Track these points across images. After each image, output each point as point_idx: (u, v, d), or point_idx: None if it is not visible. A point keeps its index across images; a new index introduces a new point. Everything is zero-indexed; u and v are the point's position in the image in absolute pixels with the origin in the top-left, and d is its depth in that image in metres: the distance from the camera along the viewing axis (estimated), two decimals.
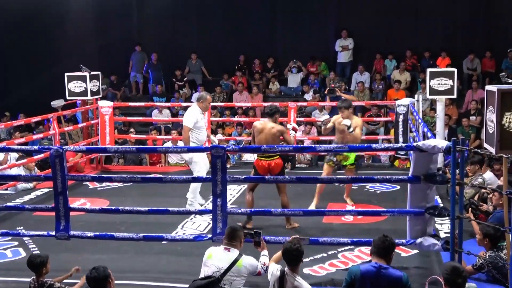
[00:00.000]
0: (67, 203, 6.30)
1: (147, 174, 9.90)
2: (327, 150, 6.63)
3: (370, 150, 7.44)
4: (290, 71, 15.67)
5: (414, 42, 15.12)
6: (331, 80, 15.13)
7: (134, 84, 16.43)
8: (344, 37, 15.37)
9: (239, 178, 6.54)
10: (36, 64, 15.88)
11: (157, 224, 7.52)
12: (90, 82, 10.95)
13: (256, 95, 14.77)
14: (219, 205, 6.03)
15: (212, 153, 5.94)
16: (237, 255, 4.92)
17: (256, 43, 16.13)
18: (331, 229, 7.37)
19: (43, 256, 5.20)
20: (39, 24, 15.89)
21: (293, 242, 4.68)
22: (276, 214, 6.35)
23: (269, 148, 6.25)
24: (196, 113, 8.23)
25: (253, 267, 4.96)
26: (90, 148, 9.59)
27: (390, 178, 6.33)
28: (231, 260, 4.88)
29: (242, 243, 5.07)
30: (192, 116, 8.21)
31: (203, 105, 8.32)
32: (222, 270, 4.83)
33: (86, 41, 16.37)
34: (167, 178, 6.35)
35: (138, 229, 7.35)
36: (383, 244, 4.47)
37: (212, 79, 16.25)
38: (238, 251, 4.96)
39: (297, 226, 7.30)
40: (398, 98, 13.13)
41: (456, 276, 4.21)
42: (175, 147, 10.34)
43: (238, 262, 4.88)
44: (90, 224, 7.51)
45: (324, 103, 13.01)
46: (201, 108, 8.30)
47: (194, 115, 8.20)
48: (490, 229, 5.62)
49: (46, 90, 14.14)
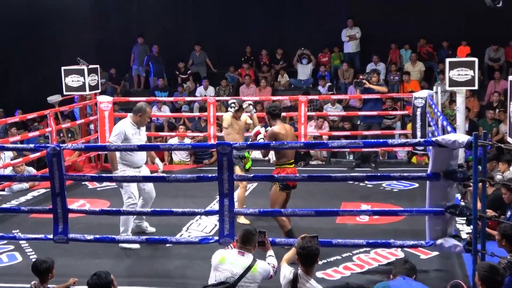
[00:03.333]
0: (66, 204, 6.31)
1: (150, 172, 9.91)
2: (340, 146, 6.61)
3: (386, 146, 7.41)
4: (299, 61, 15.64)
5: (432, 31, 15.04)
6: (343, 71, 15.11)
7: (136, 77, 16.45)
8: (350, 26, 15.33)
9: (247, 177, 6.54)
10: (31, 57, 15.94)
11: (160, 226, 7.52)
12: (88, 76, 10.97)
13: (264, 88, 14.76)
14: (226, 206, 6.02)
15: (218, 150, 5.93)
16: (251, 260, 4.90)
17: (263, 33, 16.12)
18: (345, 230, 7.37)
19: (49, 262, 5.21)
20: (34, 15, 15.94)
21: (308, 241, 4.67)
22: (287, 214, 6.33)
23: (278, 145, 6.23)
24: (125, 127, 7.03)
25: (267, 271, 4.95)
26: (89, 146, 9.60)
27: (407, 176, 6.29)
28: (246, 265, 4.85)
29: (256, 247, 5.06)
30: (118, 130, 7.00)
31: (140, 119, 7.10)
32: (236, 276, 4.80)
33: (84, 32, 16.40)
34: (170, 177, 6.35)
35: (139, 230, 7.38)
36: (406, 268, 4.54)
37: (217, 71, 16.25)
38: (252, 255, 4.95)
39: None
40: (413, 90, 13.09)
41: (495, 274, 4.19)
42: (179, 144, 10.35)
43: (253, 268, 4.86)
44: (90, 226, 7.52)
45: (337, 96, 12.97)
46: (136, 122, 7.09)
47: (122, 129, 7.00)
48: (508, 229, 5.54)
49: (42, 85, 14.19)
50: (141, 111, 7.10)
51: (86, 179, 8.13)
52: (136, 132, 7.11)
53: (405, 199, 8.56)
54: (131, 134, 7.03)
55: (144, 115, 7.12)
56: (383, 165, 11.09)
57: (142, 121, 7.15)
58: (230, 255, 4.93)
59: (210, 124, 11.08)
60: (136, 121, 7.11)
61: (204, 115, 11.87)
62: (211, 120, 11.07)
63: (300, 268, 4.71)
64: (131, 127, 7.08)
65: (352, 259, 6.50)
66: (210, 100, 11.28)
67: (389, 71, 14.96)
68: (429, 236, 5.90)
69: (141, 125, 7.17)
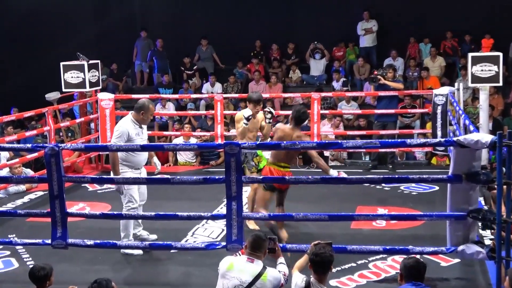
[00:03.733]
0: (64, 207, 6.33)
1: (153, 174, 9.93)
2: (355, 146, 6.60)
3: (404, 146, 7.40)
4: (312, 56, 15.63)
5: (453, 24, 14.99)
6: (359, 67, 15.09)
7: (138, 74, 16.50)
8: (367, 19, 15.31)
9: (256, 179, 6.53)
10: (27, 52, 15.99)
11: (164, 231, 7.54)
12: (88, 72, 11.00)
13: (274, 85, 14.76)
14: (234, 209, 6.02)
15: (225, 150, 5.93)
16: (261, 267, 4.89)
17: (274, 26, 16.12)
18: (360, 235, 7.35)
19: (47, 268, 5.22)
20: (31, 7, 16.00)
21: (321, 247, 4.66)
22: (298, 219, 6.33)
23: (290, 145, 6.22)
24: (128, 127, 6.94)
25: (277, 280, 4.94)
26: (89, 146, 9.63)
27: (427, 178, 6.28)
28: (255, 273, 4.84)
29: (266, 253, 5.06)
30: (120, 130, 6.91)
31: (143, 118, 7.00)
32: (245, 284, 4.79)
33: (84, 26, 16.45)
34: (175, 179, 6.35)
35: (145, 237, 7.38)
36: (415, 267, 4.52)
37: (225, 67, 16.27)
38: (262, 263, 4.94)
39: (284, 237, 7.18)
40: (432, 86, 13.05)
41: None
42: (185, 144, 10.35)
43: (263, 276, 4.84)
44: (90, 231, 7.53)
45: (352, 94, 12.96)
46: (139, 120, 7.00)
47: (125, 129, 6.91)
48: None
49: (39, 82, 14.24)
50: (144, 108, 6.98)
51: (86, 181, 8.14)
52: (138, 132, 7.01)
53: (425, 203, 8.52)
54: (134, 134, 6.93)
55: (147, 113, 7.00)
56: (401, 167, 11.05)
57: (145, 120, 7.03)
58: (238, 262, 4.93)
59: (217, 123, 11.08)
60: (138, 120, 7.00)
61: (211, 114, 11.88)
62: (218, 119, 11.07)
63: (313, 276, 4.71)
64: (134, 126, 6.97)
65: (368, 267, 6.48)
66: (217, 98, 11.28)
67: (407, 66, 14.93)
68: (450, 242, 5.88)
69: (143, 123, 7.08)
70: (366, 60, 15.22)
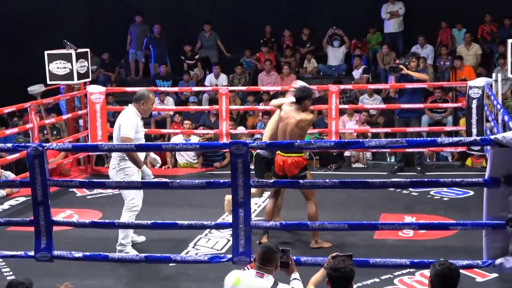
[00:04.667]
0: (49, 215, 6.34)
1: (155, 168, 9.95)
2: (379, 146, 6.59)
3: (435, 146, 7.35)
4: (329, 43, 15.62)
5: (490, 7, 14.93)
6: (383, 55, 15.06)
7: (133, 63, 16.53)
8: (392, 1, 15.28)
9: (267, 183, 6.53)
10: (9, 40, 16.03)
11: (162, 242, 7.55)
12: (76, 62, 11.02)
13: (287, 76, 14.75)
14: (241, 217, 6.03)
15: (231, 150, 5.94)
16: (272, 283, 4.88)
17: (286, 9, 16.11)
18: (385, 247, 7.35)
19: (26, 283, 5.21)
20: None
21: (341, 261, 4.66)
22: (314, 228, 6.32)
23: (304, 144, 6.22)
24: (135, 118, 7.26)
25: None
26: (77, 146, 9.65)
27: (460, 181, 6.26)
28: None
29: (277, 267, 5.05)
30: (131, 122, 7.20)
31: (144, 108, 7.32)
32: None
33: (72, 10, 16.48)
34: (174, 183, 6.36)
35: (139, 247, 7.39)
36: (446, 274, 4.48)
37: (230, 56, 16.27)
38: (273, 278, 4.94)
39: (327, 247, 7.25)
40: (466, 77, 13.01)
41: None
42: (185, 143, 10.36)
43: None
44: (79, 241, 7.56)
45: (375, 86, 12.93)
46: (141, 112, 7.31)
47: (134, 121, 7.22)
48: None
49: (21, 73, 14.28)
50: (144, 98, 7.27)
51: (74, 185, 8.17)
52: (141, 124, 7.35)
53: (458, 210, 8.51)
54: (139, 127, 7.27)
55: (148, 103, 7.30)
56: (431, 169, 11.03)
57: (147, 110, 7.35)
58: (246, 277, 4.93)
59: (222, 120, 11.08)
60: (140, 111, 7.30)
61: (215, 109, 11.88)
62: (223, 115, 11.07)
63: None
64: (138, 118, 7.28)
65: (393, 282, 6.48)
66: (222, 91, 11.28)
67: (438, 55, 14.89)
68: (486, 255, 5.87)
69: (145, 115, 7.40)
70: (391, 47, 15.19)
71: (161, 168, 11.80)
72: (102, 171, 11.49)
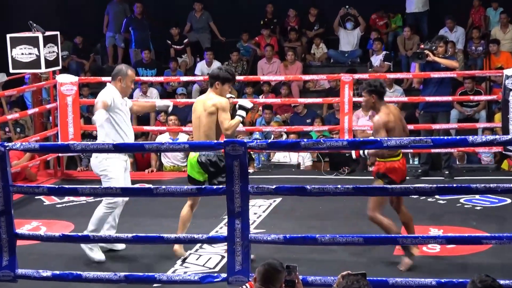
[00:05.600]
0: (13, 227, 6.34)
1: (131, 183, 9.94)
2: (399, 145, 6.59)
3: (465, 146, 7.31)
4: (342, 26, 15.62)
5: None
6: (405, 39, 15.04)
7: (111, 49, 16.53)
8: None
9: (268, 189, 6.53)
10: None
11: (145, 258, 7.54)
12: (44, 47, 11.02)
13: (292, 64, 14.77)
14: (237, 230, 6.03)
15: (226, 151, 5.93)
16: None
17: None
18: None
19: None
20: None
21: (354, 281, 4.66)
22: (324, 242, 6.32)
23: (311, 144, 6.21)
24: (113, 93, 7.65)
25: None
26: (45, 146, 9.65)
27: (495, 188, 6.27)
28: None
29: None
30: (105, 94, 7.60)
31: (122, 86, 7.71)
32: None
33: None
34: (160, 189, 6.36)
35: (118, 265, 7.38)
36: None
37: (225, 40, 16.27)
38: None
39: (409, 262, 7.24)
40: (502, 65, 13.00)
41: None
42: (173, 143, 10.36)
43: None
44: (47, 258, 7.55)
45: (395, 75, 12.92)
46: (120, 90, 7.70)
47: (110, 95, 7.60)
48: None
49: None
50: (121, 73, 7.66)
51: (41, 192, 8.16)
52: (122, 103, 7.68)
53: (492, 221, 8.53)
54: (119, 104, 7.61)
55: (126, 79, 7.66)
56: (461, 173, 11.04)
57: (125, 88, 7.71)
58: None
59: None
60: (119, 90, 7.66)
61: None
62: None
63: None
64: (118, 95, 7.62)
65: None
66: None
67: (469, 39, 14.88)
68: None
69: (125, 94, 7.76)
70: (415, 30, 15.19)
71: (144, 172, 11.82)
72: (74, 176, 11.50)
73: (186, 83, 14.58)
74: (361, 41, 15.61)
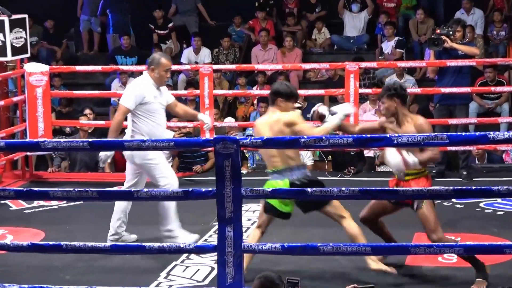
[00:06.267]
0: None
1: (109, 186, 9.94)
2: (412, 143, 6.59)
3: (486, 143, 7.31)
4: (347, 8, 15.62)
5: None
6: (418, 23, 15.05)
7: (85, 34, 16.51)
8: None
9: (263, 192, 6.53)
10: None
11: (126, 270, 7.55)
12: (10, 32, 11.02)
13: (290, 51, 14.78)
14: (229, 238, 6.03)
15: (217, 149, 5.94)
16: None
17: None
18: (419, 276, 7.38)
19: None
20: None
21: None
22: (327, 251, 6.33)
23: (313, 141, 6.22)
24: (145, 85, 8.12)
25: None
26: (12, 144, 9.65)
27: None
28: None
29: None
30: (134, 90, 8.10)
31: (154, 76, 8.17)
32: None
33: None
34: (141, 192, 6.36)
35: (94, 278, 7.39)
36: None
37: (215, 24, 16.27)
38: None
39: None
40: None
41: None
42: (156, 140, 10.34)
43: None
44: (14, 270, 7.55)
45: (407, 63, 12.93)
46: (154, 80, 8.18)
47: (139, 90, 8.07)
48: None
49: None
50: (153, 63, 8.10)
51: (8, 195, 8.14)
52: (156, 95, 8.12)
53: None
54: (152, 97, 8.05)
55: (159, 68, 8.06)
56: (481, 174, 11.06)
57: (158, 78, 8.10)
58: None
59: (204, 108, 11.08)
60: (153, 79, 8.11)
61: (195, 94, 11.89)
62: (205, 102, 11.07)
63: None
64: (151, 87, 8.08)
65: None
66: (204, 70, 11.29)
67: (490, 22, 14.90)
68: None
69: (160, 83, 8.18)
70: (429, 12, 15.20)
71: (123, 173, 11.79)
72: (45, 177, 11.49)
73: (171, 73, 14.57)
74: (368, 25, 15.62)
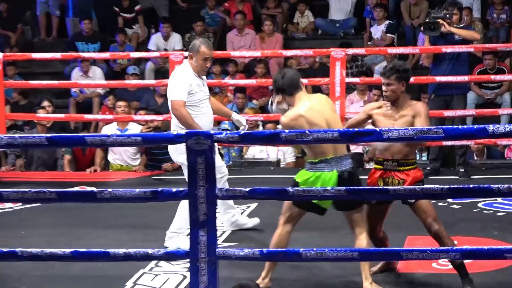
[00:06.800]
0: None
1: (69, 186, 9.92)
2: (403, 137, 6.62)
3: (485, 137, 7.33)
4: None
5: None
6: (410, 5, 15.08)
7: (43, 18, 16.48)
8: None
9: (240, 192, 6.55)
10: None
11: (87, 279, 7.55)
12: None
13: (269, 36, 14.80)
14: (202, 243, 6.04)
15: (188, 145, 5.95)
16: None
17: None
18: (412, 283, 7.42)
19: None
20: None
21: None
22: (310, 258, 6.35)
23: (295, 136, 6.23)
24: (189, 77, 8.38)
25: None
26: None
27: None
28: None
29: None
30: (181, 81, 8.35)
31: (194, 64, 8.43)
32: None
33: None
34: (105, 193, 6.36)
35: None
36: None
37: (187, 7, 16.28)
38: None
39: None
40: None
41: None
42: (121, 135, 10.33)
43: None
44: None
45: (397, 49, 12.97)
46: (193, 69, 8.43)
47: (185, 80, 8.34)
48: None
49: None
50: (193, 49, 8.38)
51: None
52: (199, 83, 8.46)
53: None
54: (196, 85, 8.38)
55: (197, 57, 8.34)
56: (480, 171, 11.11)
57: (197, 67, 8.38)
58: None
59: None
60: (193, 68, 8.40)
61: (164, 84, 11.89)
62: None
63: None
64: (194, 76, 8.39)
65: None
66: (174, 58, 11.29)
67: (490, 4, 14.97)
68: None
69: (199, 72, 8.45)
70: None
71: (86, 171, 11.80)
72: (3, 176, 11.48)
73: (138, 61, 14.56)
74: (356, 8, 15.65)
